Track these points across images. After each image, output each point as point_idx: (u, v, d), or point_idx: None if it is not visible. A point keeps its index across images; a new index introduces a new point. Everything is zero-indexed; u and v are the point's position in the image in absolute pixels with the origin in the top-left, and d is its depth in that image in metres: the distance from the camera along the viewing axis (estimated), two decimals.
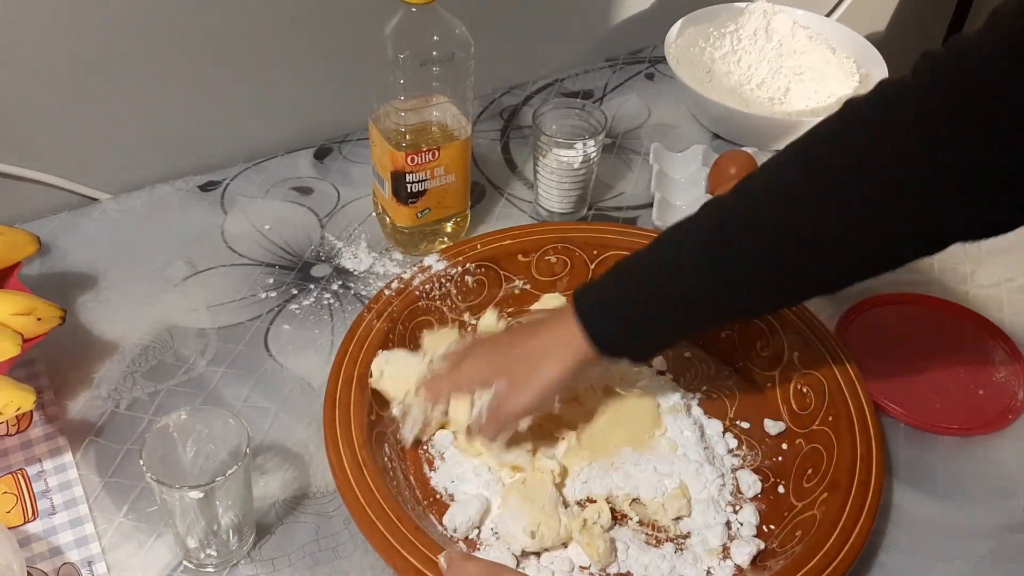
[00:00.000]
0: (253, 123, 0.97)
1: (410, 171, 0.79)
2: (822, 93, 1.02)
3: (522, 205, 0.94)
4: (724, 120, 1.02)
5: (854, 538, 0.61)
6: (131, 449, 0.70)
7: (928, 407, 0.75)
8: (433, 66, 0.75)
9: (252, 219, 0.90)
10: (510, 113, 1.06)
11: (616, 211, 0.94)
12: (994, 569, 0.65)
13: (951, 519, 0.68)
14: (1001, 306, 0.85)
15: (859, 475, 0.65)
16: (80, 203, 0.92)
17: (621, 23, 1.16)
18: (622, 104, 1.09)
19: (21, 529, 0.64)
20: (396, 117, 0.77)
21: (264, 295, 0.83)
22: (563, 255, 0.82)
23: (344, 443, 0.64)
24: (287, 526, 0.66)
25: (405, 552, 0.58)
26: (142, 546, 0.64)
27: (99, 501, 0.67)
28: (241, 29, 0.90)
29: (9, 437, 0.70)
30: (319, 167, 0.97)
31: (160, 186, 0.93)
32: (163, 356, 0.77)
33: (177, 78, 0.90)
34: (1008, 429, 0.74)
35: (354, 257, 0.87)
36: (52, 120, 0.86)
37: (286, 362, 0.77)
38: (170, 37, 0.87)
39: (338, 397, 0.68)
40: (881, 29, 1.45)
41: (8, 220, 0.84)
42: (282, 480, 0.69)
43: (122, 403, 0.73)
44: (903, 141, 0.54)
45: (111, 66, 0.86)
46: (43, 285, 0.80)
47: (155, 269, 0.84)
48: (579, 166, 0.87)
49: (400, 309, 0.75)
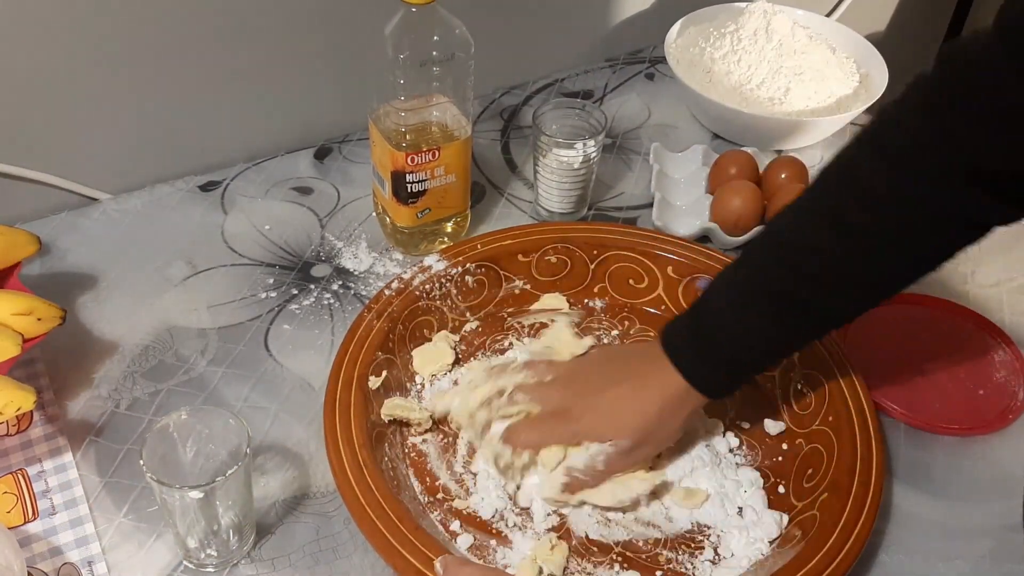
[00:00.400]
0: (253, 123, 0.97)
1: (410, 171, 0.79)
2: (822, 93, 1.02)
3: (522, 205, 0.94)
4: (724, 120, 1.02)
5: (854, 538, 0.61)
6: (131, 449, 0.70)
7: (928, 407, 0.75)
8: (433, 66, 0.75)
9: (252, 219, 0.90)
10: (510, 113, 1.06)
11: (616, 211, 0.94)
12: (994, 569, 0.65)
13: (951, 519, 0.68)
14: (1001, 306, 0.85)
15: (859, 475, 0.65)
16: (80, 203, 0.92)
17: (621, 23, 1.16)
18: (622, 104, 1.09)
19: (21, 529, 0.64)
20: (396, 117, 0.77)
21: (264, 295, 0.83)
22: (563, 255, 0.82)
23: (344, 443, 0.64)
24: (287, 526, 0.66)
25: (405, 552, 0.58)
26: (142, 546, 0.64)
27: (99, 501, 0.67)
28: (241, 29, 0.90)
29: (9, 437, 0.70)
30: (319, 167, 0.97)
31: (160, 186, 0.93)
32: (163, 356, 0.77)
33: (177, 78, 0.90)
34: (1008, 429, 0.74)
35: (354, 257, 0.87)
36: (52, 120, 0.86)
37: (286, 362, 0.77)
38: (170, 37, 0.87)
39: (338, 397, 0.68)
40: (881, 29, 1.45)
41: (8, 220, 0.84)
42: (282, 480, 0.69)
43: (122, 403, 0.73)
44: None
45: (111, 66, 0.86)
46: (43, 285, 0.80)
47: (155, 269, 0.84)
48: (579, 166, 0.87)
49: (400, 309, 0.75)
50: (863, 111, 1.00)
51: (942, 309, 0.84)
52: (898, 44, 1.37)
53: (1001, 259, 0.90)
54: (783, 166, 0.91)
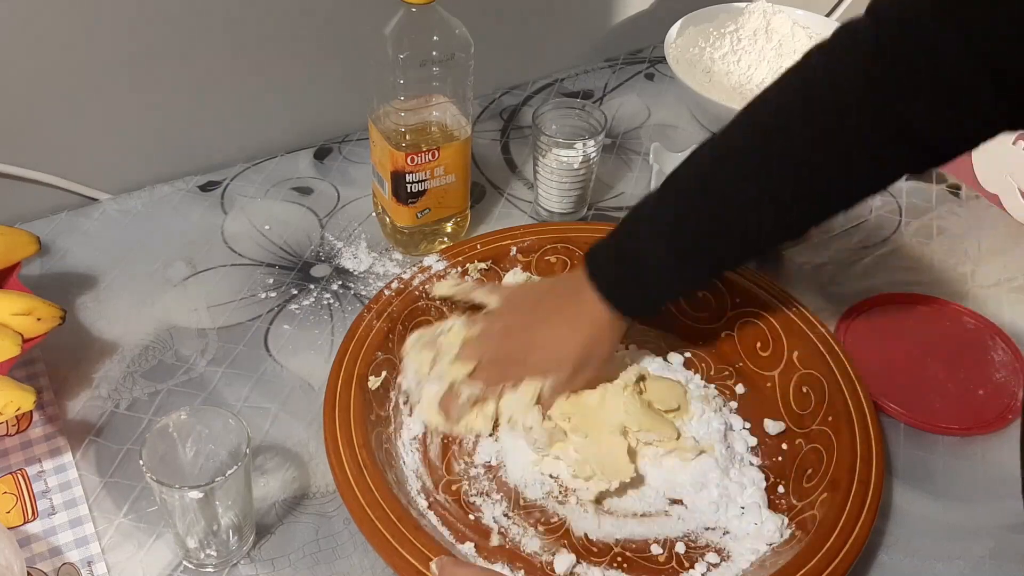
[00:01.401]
0: (253, 123, 0.97)
1: (410, 171, 0.79)
2: None
3: (522, 205, 0.94)
4: (724, 120, 1.01)
5: (854, 538, 0.61)
6: (131, 449, 0.70)
7: (928, 407, 0.75)
8: (433, 66, 0.75)
9: (252, 219, 0.90)
10: (510, 113, 1.06)
11: (616, 211, 0.94)
12: (994, 569, 0.66)
13: (951, 519, 0.68)
14: (1001, 306, 0.85)
15: (859, 475, 0.65)
16: (80, 203, 0.92)
17: (621, 23, 1.16)
18: (622, 104, 1.09)
19: (21, 529, 0.64)
20: (396, 117, 0.77)
21: (264, 295, 0.83)
22: (563, 255, 0.82)
23: (344, 443, 0.64)
24: (287, 526, 0.66)
25: (405, 552, 0.58)
26: (142, 546, 0.64)
27: (99, 501, 0.67)
28: (241, 29, 0.90)
29: (9, 437, 0.70)
30: (319, 167, 0.97)
31: (160, 186, 0.93)
32: (163, 356, 0.77)
33: (177, 78, 0.90)
34: (1008, 429, 0.74)
35: (354, 257, 0.87)
36: (52, 120, 0.86)
37: (286, 362, 0.77)
38: (170, 37, 0.87)
39: (338, 397, 0.68)
40: None
41: (8, 220, 0.84)
42: (282, 480, 0.69)
43: (122, 403, 0.73)
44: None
45: (111, 66, 0.86)
46: (43, 285, 0.80)
47: (155, 269, 0.84)
48: (579, 166, 0.87)
49: (400, 309, 0.75)
50: None
51: (942, 309, 0.84)
52: None
53: (1001, 259, 0.90)
54: None
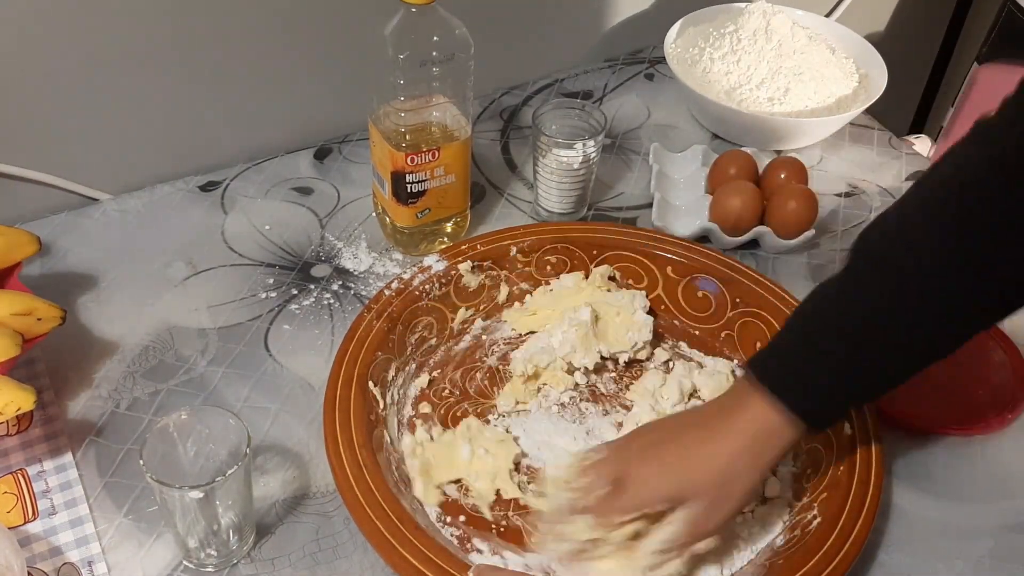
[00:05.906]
0: (253, 123, 0.97)
1: (410, 171, 0.79)
2: (822, 93, 1.02)
3: (522, 205, 0.94)
4: (724, 120, 1.02)
5: (854, 538, 0.61)
6: (131, 449, 0.70)
7: (928, 407, 0.75)
8: (433, 66, 0.75)
9: (252, 219, 0.90)
10: (510, 113, 1.06)
11: (616, 211, 0.94)
12: (994, 569, 0.66)
13: (951, 519, 0.68)
14: None
15: (859, 474, 0.65)
16: (80, 203, 0.92)
17: (621, 23, 1.16)
18: (622, 104, 1.09)
19: (21, 529, 0.64)
20: (396, 117, 0.77)
21: (264, 295, 0.83)
22: (563, 255, 0.82)
23: (344, 443, 0.65)
24: (287, 526, 0.66)
25: (405, 552, 0.58)
26: (142, 546, 0.64)
27: (99, 501, 0.67)
28: (241, 29, 0.90)
29: (9, 437, 0.70)
30: (319, 167, 0.97)
31: (160, 186, 0.93)
32: (163, 356, 0.77)
33: (177, 78, 0.90)
34: (1008, 429, 0.74)
35: (354, 257, 0.87)
36: (52, 120, 0.86)
37: (286, 362, 0.77)
38: (170, 37, 0.87)
39: (338, 397, 0.68)
40: (881, 29, 1.44)
41: (8, 220, 0.84)
42: (282, 480, 0.69)
43: (122, 403, 0.73)
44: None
45: (111, 66, 0.86)
46: (43, 285, 0.80)
47: (155, 269, 0.84)
48: (579, 166, 0.87)
49: (400, 309, 0.76)
50: (862, 111, 1.00)
51: None
52: (898, 44, 1.37)
53: None
54: (782, 166, 0.91)
